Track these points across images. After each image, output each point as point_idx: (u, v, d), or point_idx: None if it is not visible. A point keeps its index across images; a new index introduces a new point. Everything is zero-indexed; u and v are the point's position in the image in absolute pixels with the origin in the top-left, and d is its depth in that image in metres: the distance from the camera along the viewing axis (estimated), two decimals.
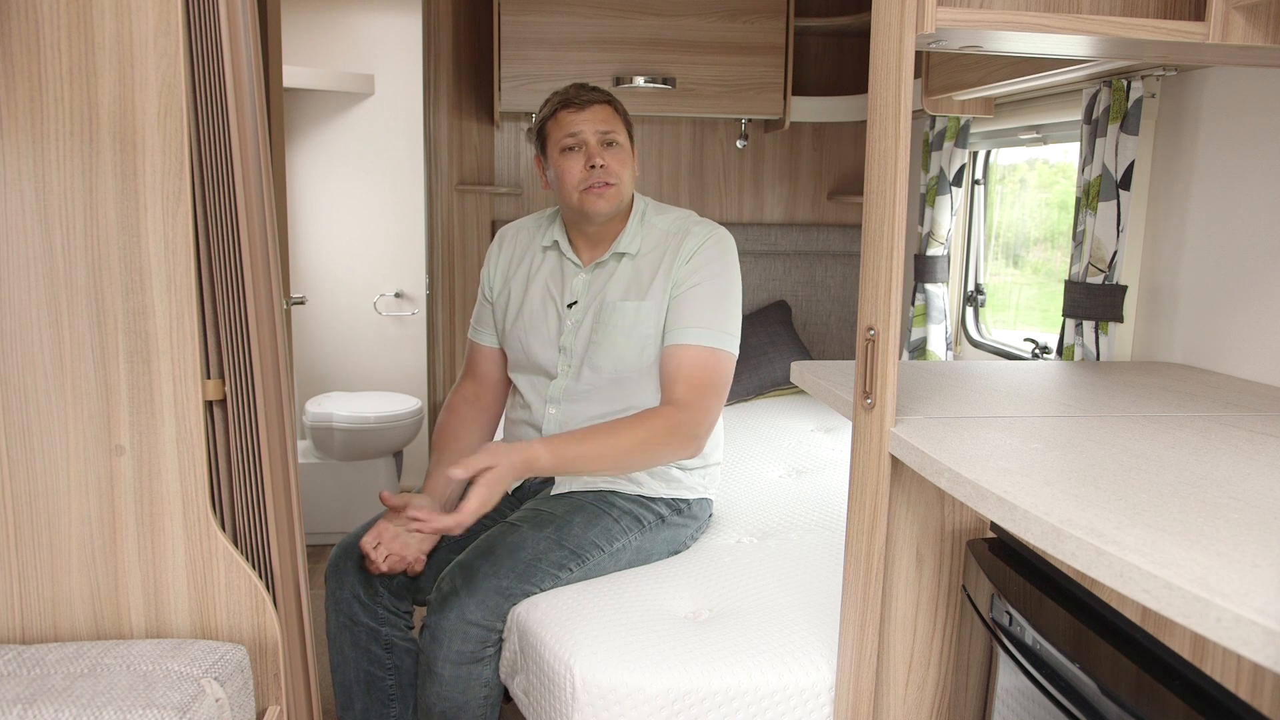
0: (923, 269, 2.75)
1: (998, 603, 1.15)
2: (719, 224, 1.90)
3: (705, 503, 1.97)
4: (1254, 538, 0.81)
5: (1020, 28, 1.19)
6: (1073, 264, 1.96)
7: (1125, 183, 1.82)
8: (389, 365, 4.25)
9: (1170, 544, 0.79)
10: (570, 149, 1.82)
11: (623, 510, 1.81)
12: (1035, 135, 2.42)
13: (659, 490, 1.88)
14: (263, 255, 1.45)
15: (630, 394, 1.86)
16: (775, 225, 3.53)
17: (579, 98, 1.83)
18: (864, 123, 3.07)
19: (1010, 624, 1.12)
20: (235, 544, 1.46)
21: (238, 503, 1.46)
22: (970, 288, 2.86)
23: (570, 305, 1.89)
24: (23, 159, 1.35)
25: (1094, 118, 1.89)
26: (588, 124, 1.81)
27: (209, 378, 1.44)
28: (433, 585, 1.72)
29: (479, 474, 1.59)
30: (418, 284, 4.10)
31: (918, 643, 1.35)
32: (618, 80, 3.05)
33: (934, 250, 2.72)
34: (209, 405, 1.44)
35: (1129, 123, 1.80)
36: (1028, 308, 2.76)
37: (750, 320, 3.35)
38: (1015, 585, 1.13)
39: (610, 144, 1.83)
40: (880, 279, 1.20)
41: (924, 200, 2.73)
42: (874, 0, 1.21)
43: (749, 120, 3.38)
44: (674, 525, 1.88)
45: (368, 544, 1.74)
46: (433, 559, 1.80)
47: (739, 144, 3.44)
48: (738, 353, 1.86)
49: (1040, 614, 1.06)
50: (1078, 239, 1.94)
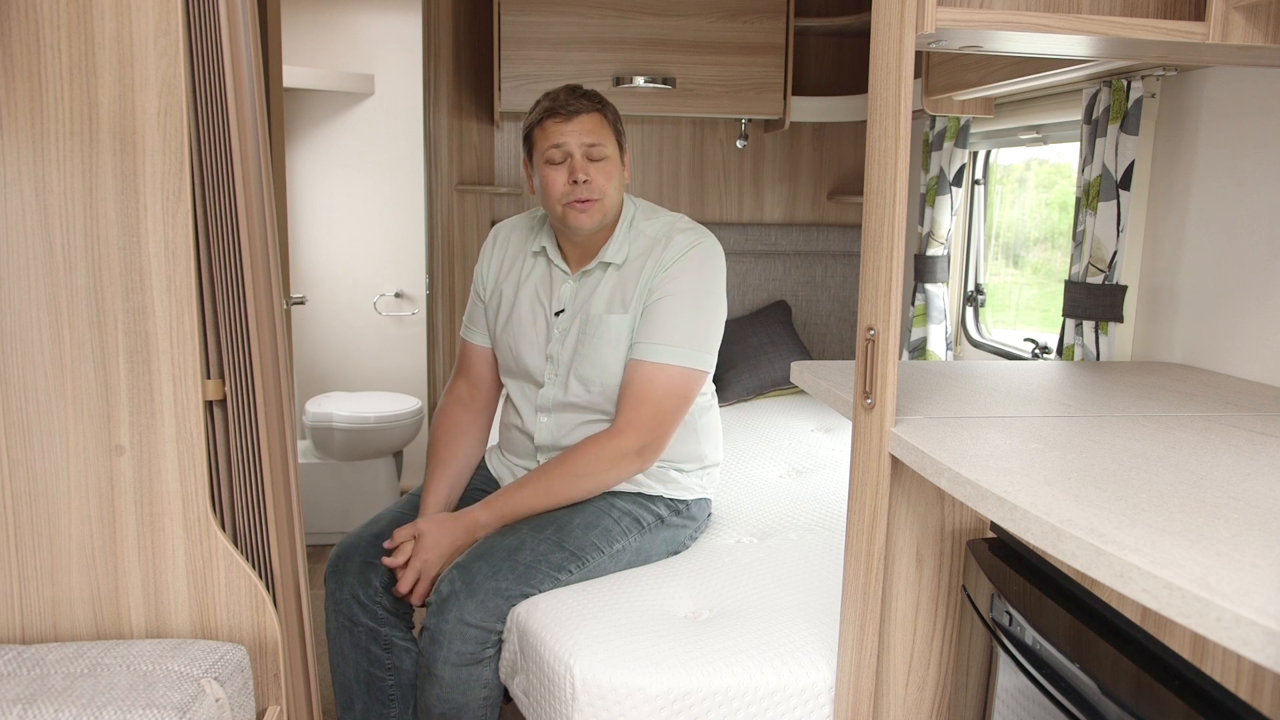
0: (923, 269, 2.75)
1: (998, 603, 1.15)
2: (709, 230, 1.87)
3: (704, 503, 1.97)
4: (1254, 538, 0.81)
5: (1020, 28, 1.19)
6: (1073, 264, 1.96)
7: (1125, 183, 1.82)
8: (389, 365, 4.25)
9: (1170, 544, 0.79)
10: (555, 161, 1.78)
11: (622, 511, 1.81)
12: (1035, 135, 2.42)
13: (658, 489, 1.88)
14: (263, 255, 1.45)
15: (616, 398, 1.86)
16: (775, 225, 3.53)
17: (566, 106, 1.78)
18: (864, 123, 3.07)
19: (1010, 624, 1.12)
20: (235, 544, 1.46)
21: (238, 503, 1.46)
22: (970, 288, 2.86)
23: (558, 313, 1.87)
24: (23, 159, 1.35)
25: (1094, 118, 1.89)
26: (573, 135, 1.76)
27: (209, 378, 1.43)
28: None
29: (420, 535, 1.72)
30: (418, 284, 4.10)
31: (918, 643, 1.35)
32: (618, 80, 3.05)
33: (934, 250, 2.72)
34: (209, 405, 1.44)
35: (1129, 123, 1.80)
36: (1028, 308, 2.76)
37: (750, 320, 3.35)
38: (1015, 585, 1.13)
39: (596, 157, 1.78)
40: (880, 279, 1.20)
41: (924, 200, 2.73)
42: (874, 0, 1.21)
43: (749, 120, 3.38)
44: (673, 526, 1.87)
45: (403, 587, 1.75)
46: None
47: (739, 144, 3.44)
48: (712, 368, 1.83)
49: (1040, 614, 1.06)
50: (1078, 239, 1.94)
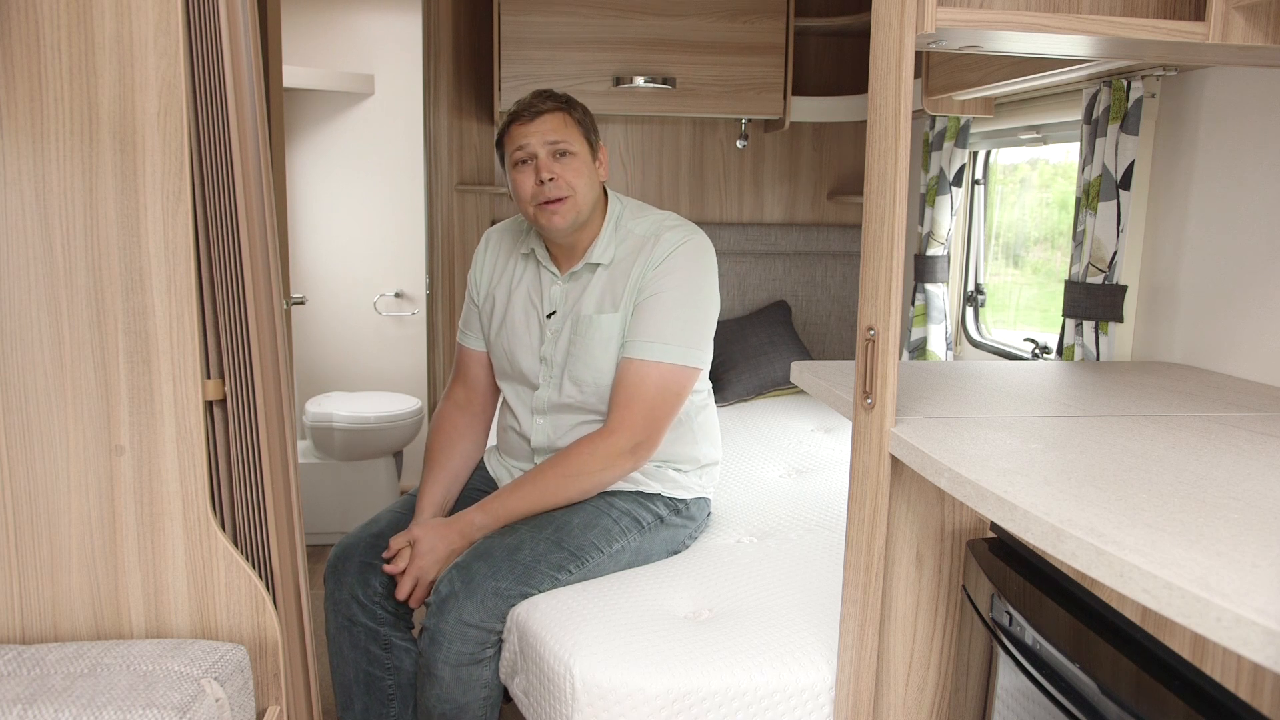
0: (923, 269, 2.75)
1: (998, 603, 1.15)
2: (700, 227, 1.87)
3: (703, 502, 1.97)
4: (1254, 538, 0.81)
5: (1020, 28, 1.19)
6: (1073, 264, 1.96)
7: (1125, 183, 1.82)
8: (389, 365, 4.25)
9: (1170, 544, 0.79)
10: (521, 162, 1.78)
11: (621, 511, 1.81)
12: (1035, 135, 2.42)
13: (656, 488, 1.88)
14: (263, 255, 1.45)
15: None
16: (775, 225, 3.53)
17: (530, 109, 1.78)
18: (864, 123, 3.07)
19: (1010, 624, 1.12)
20: (235, 544, 1.46)
21: (238, 503, 1.46)
22: (970, 288, 2.86)
23: (549, 315, 1.88)
24: (23, 159, 1.35)
25: (1094, 118, 1.89)
26: (535, 136, 1.76)
27: (209, 378, 1.44)
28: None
29: (415, 541, 1.73)
30: (418, 284, 4.10)
31: (918, 643, 1.35)
32: (618, 80, 3.05)
33: (934, 250, 2.72)
34: (209, 405, 1.44)
35: (1129, 123, 1.80)
36: (1028, 308, 2.76)
37: (750, 320, 3.35)
38: (1015, 585, 1.13)
39: (561, 154, 1.77)
40: (880, 279, 1.20)
41: (924, 200, 2.73)
42: (874, 0, 1.21)
43: (749, 120, 3.38)
44: (672, 525, 1.88)
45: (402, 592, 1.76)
46: None
47: (739, 144, 3.44)
48: (705, 365, 1.83)
49: (1040, 614, 1.06)
50: (1078, 239, 1.94)
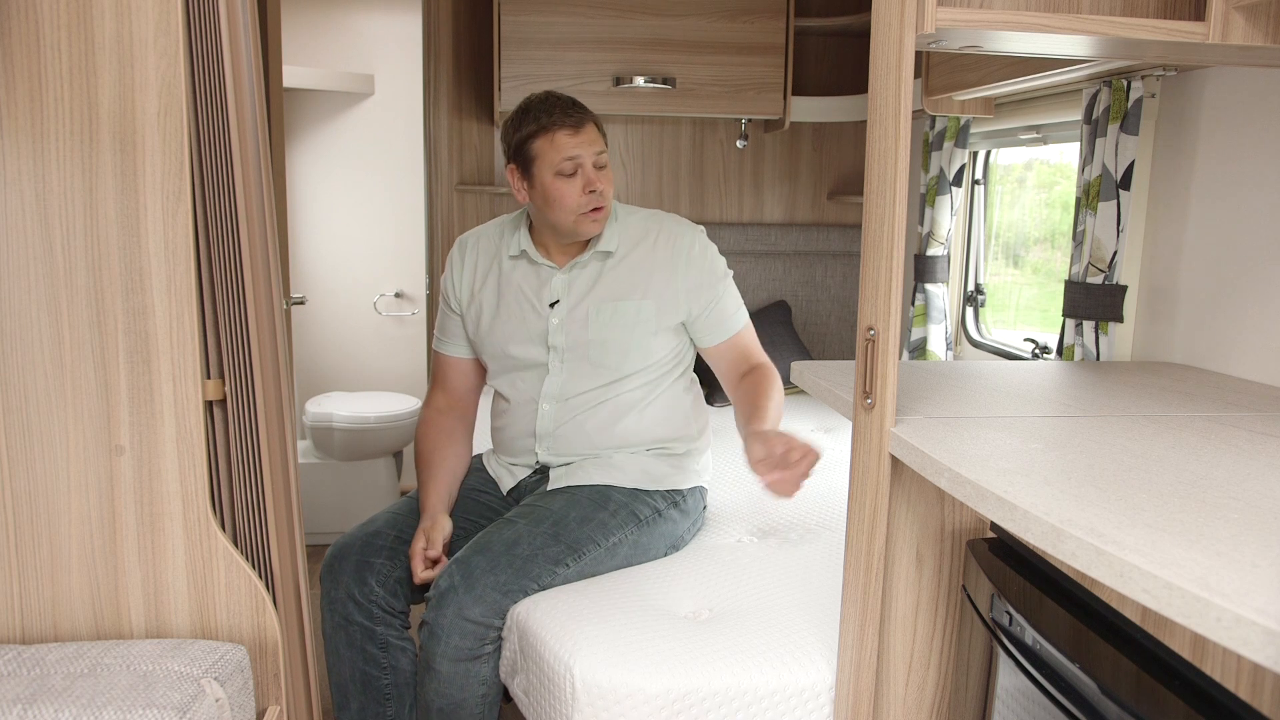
0: (923, 269, 2.75)
1: (998, 603, 1.15)
2: (700, 227, 1.97)
3: (699, 492, 1.99)
4: (1254, 538, 0.81)
5: (1020, 28, 1.19)
6: (1073, 264, 1.96)
7: (1125, 183, 1.82)
8: (389, 365, 4.25)
9: (1170, 544, 0.79)
10: (567, 173, 1.80)
11: (619, 505, 1.82)
12: (1035, 135, 2.42)
13: (653, 484, 1.89)
14: (263, 255, 1.45)
15: (624, 385, 1.89)
16: (775, 225, 3.53)
17: (572, 120, 1.80)
18: (864, 123, 3.07)
19: (1010, 624, 1.12)
20: (235, 544, 1.46)
21: (238, 503, 1.46)
22: (970, 288, 2.86)
23: (552, 305, 1.89)
24: (23, 159, 1.35)
25: (1094, 118, 1.89)
26: (585, 148, 1.80)
27: (209, 378, 1.44)
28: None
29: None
30: (418, 284, 4.10)
31: (918, 643, 1.35)
32: (618, 80, 3.05)
33: (934, 250, 2.72)
34: (209, 405, 1.44)
35: (1129, 123, 1.80)
36: (1028, 308, 2.76)
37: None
38: (1015, 585, 1.13)
39: (602, 165, 1.84)
40: (880, 279, 1.20)
41: (924, 200, 2.73)
42: (874, 0, 1.21)
43: (749, 120, 3.38)
44: (670, 520, 1.88)
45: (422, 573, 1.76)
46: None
47: (739, 144, 3.44)
48: None
49: (1040, 614, 1.06)
50: (1078, 239, 1.94)
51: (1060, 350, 2.00)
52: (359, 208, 4.13)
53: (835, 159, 3.57)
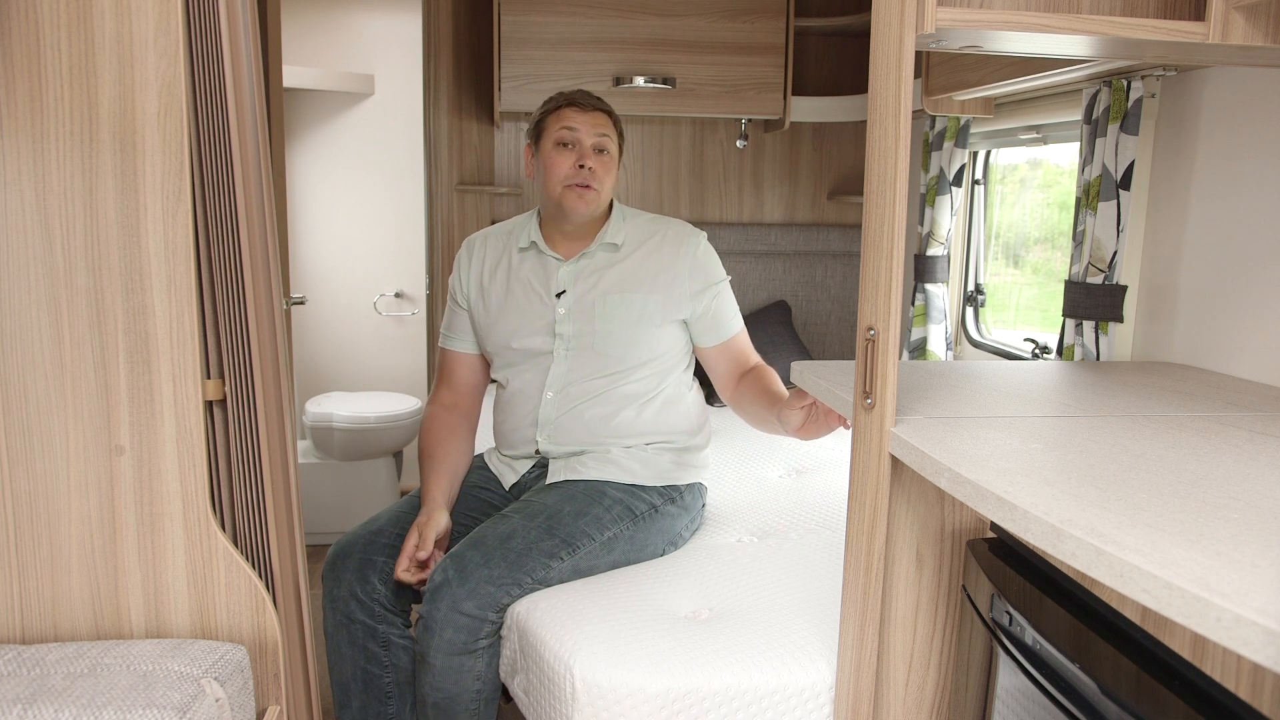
0: (923, 269, 2.75)
1: (998, 603, 1.15)
2: (700, 227, 2.04)
3: (698, 489, 2.00)
4: (1254, 538, 0.81)
5: (1020, 28, 1.19)
6: (1073, 264, 1.96)
7: (1125, 183, 1.82)
8: (389, 365, 4.25)
9: (1170, 544, 0.79)
10: (564, 144, 1.90)
11: (614, 500, 1.83)
12: (1035, 135, 2.42)
13: (651, 480, 1.90)
14: (263, 255, 1.45)
15: (627, 378, 1.91)
16: (775, 225, 3.53)
17: (585, 100, 1.93)
18: (864, 123, 3.07)
19: (1010, 624, 1.12)
20: (235, 544, 1.46)
21: (238, 503, 1.46)
22: (970, 288, 2.86)
23: (559, 295, 1.93)
24: (23, 159, 1.35)
25: (1094, 118, 1.89)
26: (586, 125, 1.91)
27: (209, 378, 1.44)
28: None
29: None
30: (418, 284, 4.10)
31: (918, 643, 1.35)
32: (618, 80, 3.05)
33: (934, 250, 2.72)
34: (209, 405, 1.44)
35: (1129, 123, 1.80)
36: (1028, 308, 2.76)
37: (750, 320, 3.35)
38: (1015, 585, 1.13)
39: (601, 150, 1.92)
40: (880, 279, 1.20)
41: (924, 200, 2.73)
42: (874, 0, 1.21)
43: (749, 120, 3.38)
44: (668, 516, 1.89)
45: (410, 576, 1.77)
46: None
47: (739, 144, 3.44)
48: None
49: (1040, 614, 1.06)
50: (1078, 239, 1.94)
51: (1060, 350, 2.00)
52: (359, 208, 4.13)
53: (835, 159, 3.57)
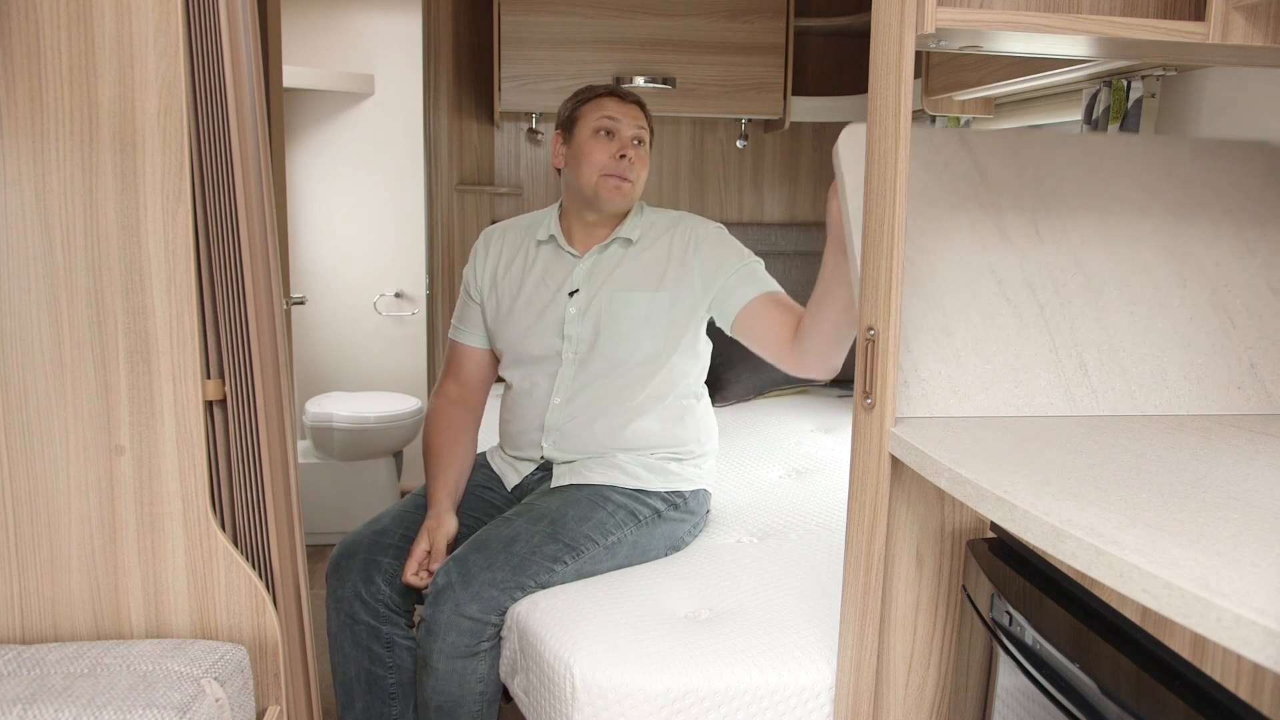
0: None
1: (998, 603, 1.15)
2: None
3: (702, 495, 1.98)
4: (1254, 538, 0.81)
5: (1020, 28, 1.18)
6: None
7: None
8: (389, 365, 4.25)
9: (1170, 544, 0.79)
10: (604, 132, 1.88)
11: (618, 504, 1.82)
12: None
13: (655, 484, 1.89)
14: (263, 255, 1.45)
15: (634, 387, 1.89)
16: (775, 225, 3.53)
17: (624, 93, 1.93)
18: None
19: (1010, 624, 1.12)
20: (235, 544, 1.46)
21: (238, 503, 1.46)
22: None
23: (572, 293, 1.91)
24: (23, 159, 1.35)
25: (1094, 118, 1.89)
26: (626, 117, 1.89)
27: (209, 378, 1.44)
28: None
29: None
30: (418, 284, 4.10)
31: (918, 643, 1.35)
32: (618, 80, 3.05)
33: None
34: (209, 405, 1.44)
35: (1129, 123, 1.80)
36: None
37: None
38: (1015, 585, 1.13)
39: (639, 143, 1.91)
40: (880, 279, 1.20)
41: None
42: (874, 0, 1.21)
43: (749, 120, 3.38)
44: (671, 520, 1.88)
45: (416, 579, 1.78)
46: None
47: (739, 144, 3.44)
48: None
49: (1040, 614, 1.06)
50: None
51: None
52: (359, 208, 4.13)
53: None
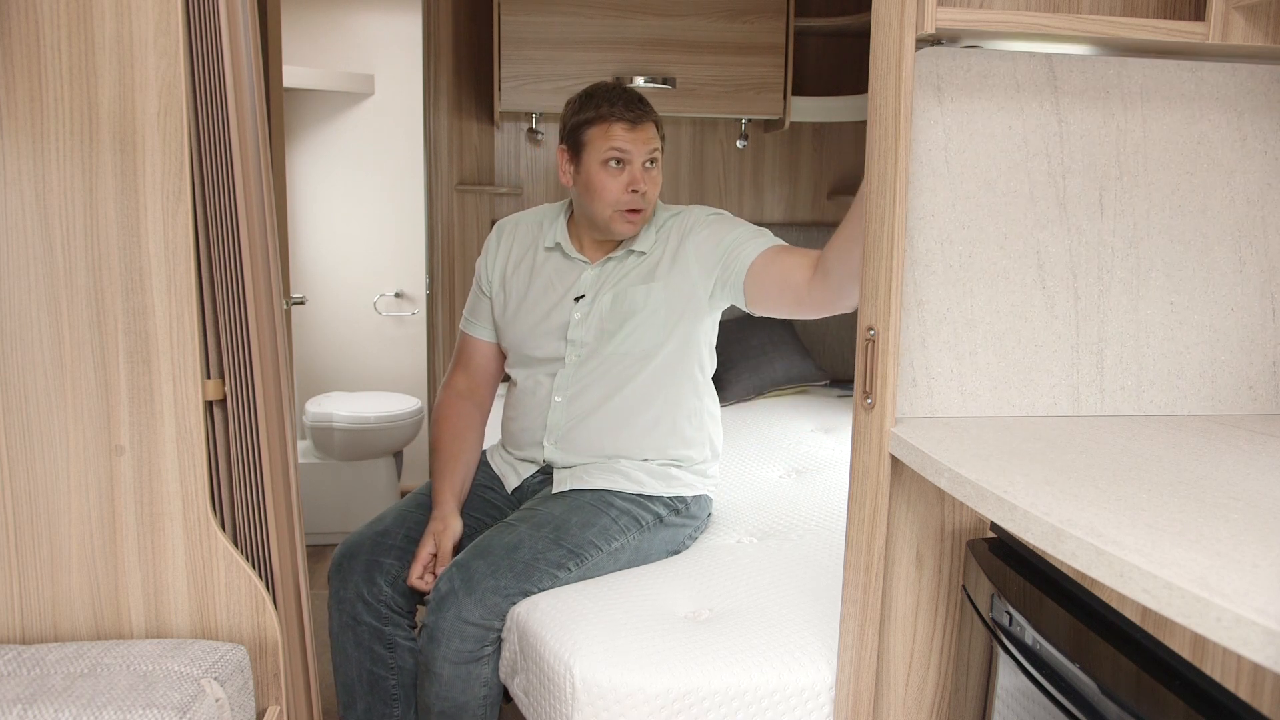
0: None
1: (998, 603, 1.15)
2: None
3: (704, 500, 1.98)
4: (1254, 538, 0.81)
5: (1020, 28, 1.18)
6: None
7: None
8: (389, 365, 4.25)
9: (1170, 544, 0.79)
10: (615, 164, 1.79)
11: (621, 510, 1.81)
12: None
13: (658, 489, 1.88)
14: (263, 255, 1.45)
15: (634, 390, 1.88)
16: (775, 225, 3.52)
17: (634, 113, 1.79)
18: (864, 123, 3.08)
19: (1010, 624, 1.12)
20: (235, 544, 1.46)
21: (238, 503, 1.46)
22: None
23: (578, 299, 1.90)
24: (23, 159, 1.35)
25: None
26: (639, 145, 1.79)
27: (209, 378, 1.44)
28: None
29: None
30: (418, 284, 4.10)
31: (918, 643, 1.35)
32: (618, 80, 3.05)
33: None
34: (209, 405, 1.44)
35: None
36: None
37: (750, 320, 3.35)
38: (1015, 585, 1.13)
39: (651, 163, 1.82)
40: (880, 279, 1.20)
41: None
42: (874, 0, 1.21)
43: (749, 120, 3.38)
44: (672, 525, 1.88)
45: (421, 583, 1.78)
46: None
47: (739, 144, 3.44)
48: None
49: (1040, 614, 1.06)
50: None
51: None
52: (359, 208, 4.13)
53: (835, 159, 3.57)
